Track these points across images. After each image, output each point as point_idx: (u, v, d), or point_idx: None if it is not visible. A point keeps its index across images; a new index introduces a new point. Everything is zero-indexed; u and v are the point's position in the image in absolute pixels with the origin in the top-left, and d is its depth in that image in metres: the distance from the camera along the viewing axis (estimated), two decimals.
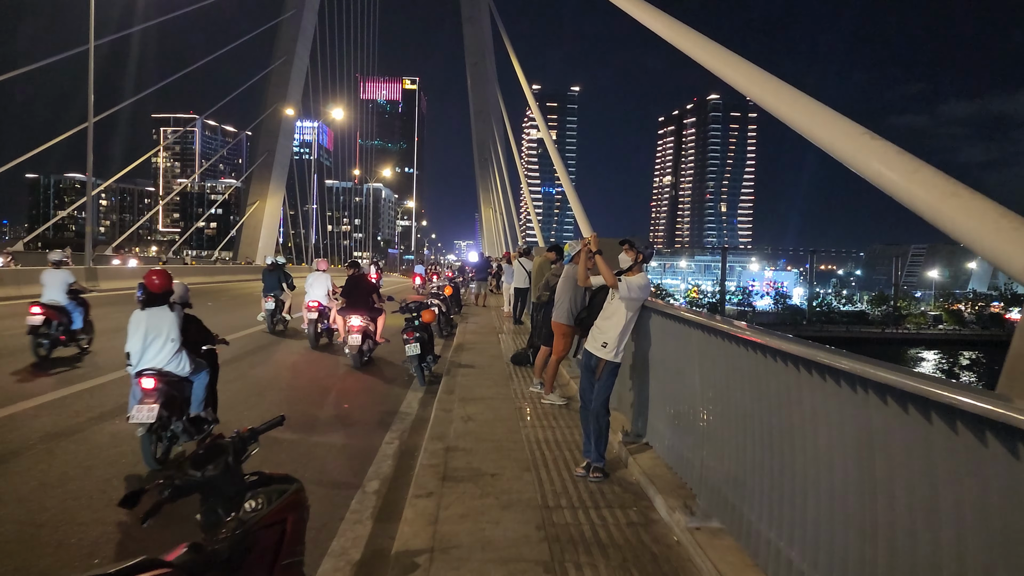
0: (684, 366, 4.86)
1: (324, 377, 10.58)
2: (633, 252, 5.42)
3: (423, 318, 10.57)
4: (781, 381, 3.34)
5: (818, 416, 3.00)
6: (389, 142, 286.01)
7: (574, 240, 8.21)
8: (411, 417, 8.22)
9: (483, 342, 13.47)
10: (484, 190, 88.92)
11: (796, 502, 3.20)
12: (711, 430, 4.40)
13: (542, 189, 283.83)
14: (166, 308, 6.27)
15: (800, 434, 3.18)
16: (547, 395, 7.98)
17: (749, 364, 3.73)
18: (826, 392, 2.90)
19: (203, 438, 6.23)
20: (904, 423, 2.37)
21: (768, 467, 3.51)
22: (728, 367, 4.07)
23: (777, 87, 6.56)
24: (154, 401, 5.97)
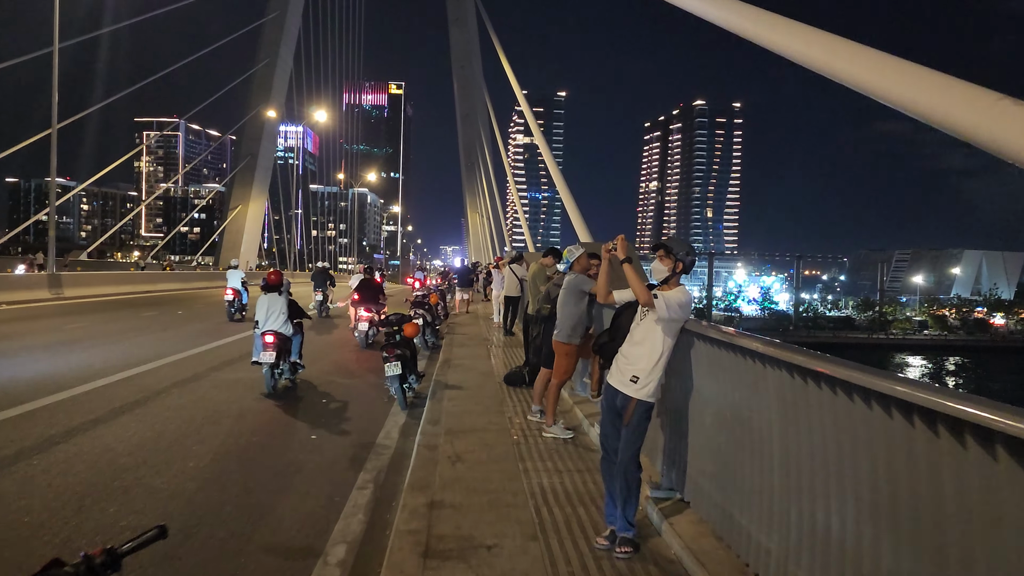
0: (748, 413, 3.68)
1: (299, 393, 9.38)
2: (670, 259, 4.22)
3: (405, 332, 9.37)
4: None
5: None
6: (375, 147, 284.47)
7: (573, 245, 7.05)
8: (389, 451, 7.00)
9: (472, 356, 12.27)
10: (470, 194, 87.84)
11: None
12: (790, 503, 3.22)
13: (528, 195, 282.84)
14: (277, 293, 10.11)
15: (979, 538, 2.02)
16: (549, 427, 6.78)
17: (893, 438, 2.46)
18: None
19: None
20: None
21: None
22: (843, 436, 2.79)
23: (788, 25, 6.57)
24: (273, 349, 9.49)
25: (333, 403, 9.23)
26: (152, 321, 17.92)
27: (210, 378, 10.39)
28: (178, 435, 7.10)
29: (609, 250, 4.64)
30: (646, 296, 4.06)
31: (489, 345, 13.91)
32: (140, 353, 12.11)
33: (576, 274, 6.68)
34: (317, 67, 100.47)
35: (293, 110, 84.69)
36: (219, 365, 11.49)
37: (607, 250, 4.66)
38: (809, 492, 3.03)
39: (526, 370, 9.35)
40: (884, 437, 2.45)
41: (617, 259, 4.47)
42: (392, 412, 8.75)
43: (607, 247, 4.66)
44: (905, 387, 2.27)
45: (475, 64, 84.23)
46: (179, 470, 6.01)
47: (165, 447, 6.65)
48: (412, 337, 9.53)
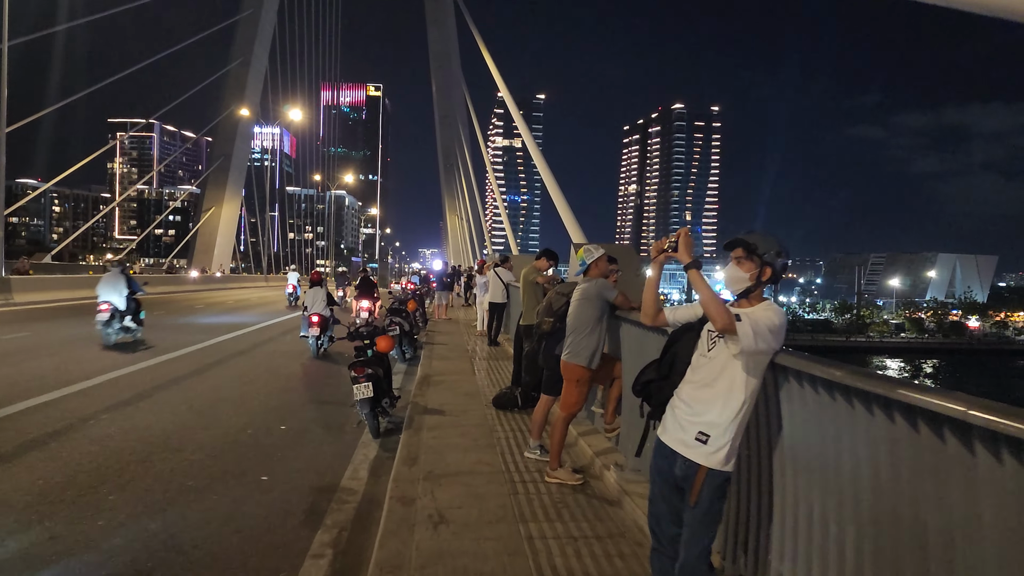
0: (896, 499, 2.39)
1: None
2: (753, 263, 2.92)
3: (378, 347, 8.07)
4: None
5: None
6: (352, 149, 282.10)
7: (591, 244, 5.77)
8: (356, 498, 5.67)
9: (454, 372, 10.94)
10: (450, 197, 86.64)
11: None
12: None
13: (507, 198, 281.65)
14: (320, 286, 14.20)
15: None
16: (553, 470, 5.48)
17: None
18: None
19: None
20: None
21: None
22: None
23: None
24: (318, 326, 13.65)
25: (293, 427, 7.88)
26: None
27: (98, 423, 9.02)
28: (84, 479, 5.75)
29: (665, 248, 3.19)
30: (726, 319, 2.74)
31: (473, 358, 12.59)
32: (76, 370, 10.70)
33: (593, 280, 5.40)
34: (293, 67, 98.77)
35: (269, 111, 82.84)
36: (152, 390, 10.11)
37: (660, 249, 3.23)
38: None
39: (518, 391, 8.06)
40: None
41: (663, 260, 3.20)
42: (362, 442, 7.43)
43: (662, 244, 3.21)
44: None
45: (454, 65, 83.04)
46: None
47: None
48: (386, 352, 8.23)
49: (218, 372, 11.37)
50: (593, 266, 5.41)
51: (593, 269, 5.41)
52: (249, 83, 75.05)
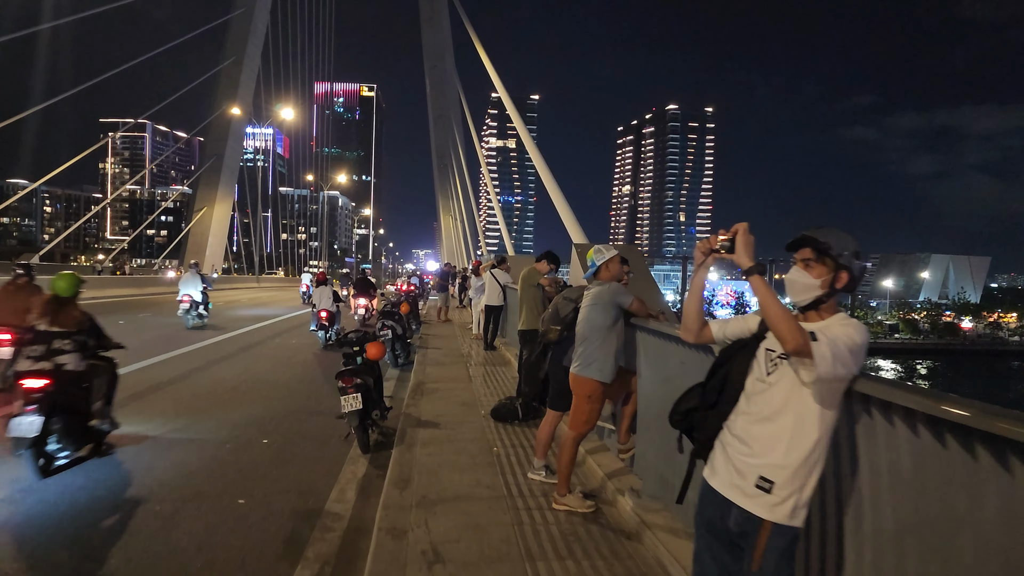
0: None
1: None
2: (825, 266, 2.33)
3: (368, 355, 7.49)
4: None
5: None
6: (346, 150, 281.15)
7: (601, 244, 5.21)
8: (342, 525, 5.10)
9: (449, 379, 10.36)
10: (443, 197, 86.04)
11: None
12: None
13: (500, 199, 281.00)
14: (326, 285, 15.78)
15: None
16: (562, 497, 4.90)
17: None
18: None
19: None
20: None
21: None
22: None
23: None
24: (326, 320, 15.18)
25: (275, 440, 7.31)
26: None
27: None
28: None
29: (716, 248, 2.55)
30: (800, 339, 2.15)
31: (468, 363, 12.01)
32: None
33: (606, 284, 4.84)
34: (286, 67, 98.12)
35: (262, 111, 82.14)
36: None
37: (710, 250, 2.59)
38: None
39: (519, 402, 7.49)
40: None
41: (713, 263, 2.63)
42: (350, 458, 6.85)
43: (711, 243, 2.57)
44: None
45: (448, 64, 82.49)
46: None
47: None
48: (377, 360, 7.66)
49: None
50: (604, 268, 4.86)
51: (604, 272, 4.85)
52: (242, 82, 74.36)
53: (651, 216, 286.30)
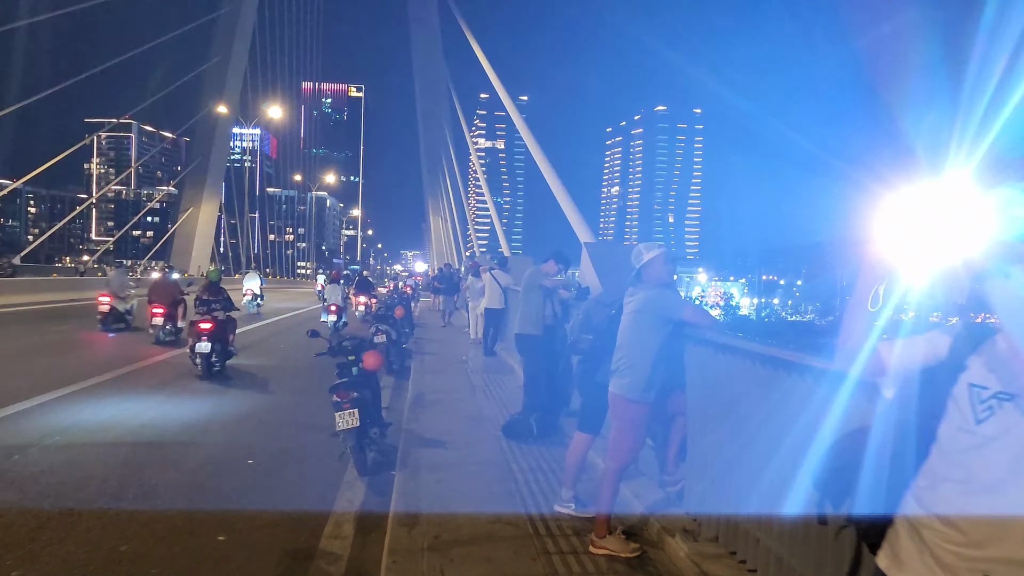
0: None
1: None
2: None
3: (365, 365, 6.73)
4: None
5: None
6: (334, 150, 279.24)
7: (644, 243, 4.42)
8: (339, 569, 4.34)
9: (451, 389, 9.59)
10: (433, 198, 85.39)
11: None
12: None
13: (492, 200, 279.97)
14: (337, 283, 19.42)
15: None
16: (601, 539, 4.12)
17: None
18: None
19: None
20: None
21: None
22: None
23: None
24: (335, 312, 18.35)
25: (263, 459, 6.53)
26: (60, 338, 14.88)
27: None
28: None
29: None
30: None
31: (469, 371, 11.24)
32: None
33: (656, 289, 4.09)
34: (273, 67, 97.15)
35: (249, 111, 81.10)
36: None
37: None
38: None
39: (533, 418, 6.74)
40: None
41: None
42: (346, 481, 6.09)
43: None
44: None
45: (438, 63, 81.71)
46: None
47: None
48: (374, 370, 6.90)
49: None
50: (648, 269, 4.11)
51: (649, 276, 4.11)
52: (228, 81, 73.40)
53: (640, 217, 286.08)
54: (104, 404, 8.49)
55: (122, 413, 8.09)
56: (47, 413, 7.89)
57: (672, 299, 4.03)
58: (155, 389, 9.66)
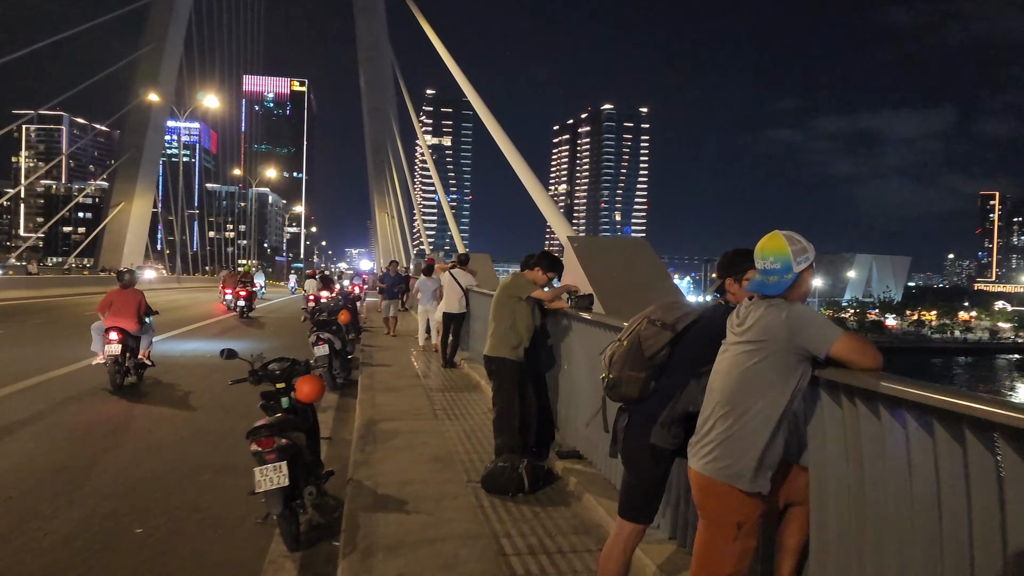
0: None
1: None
2: None
3: (299, 395, 5.04)
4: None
5: None
6: (277, 146, 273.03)
7: (795, 234, 2.76)
8: None
9: (408, 412, 7.89)
10: (379, 194, 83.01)
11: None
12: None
13: (435, 197, 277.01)
14: (314, 279, 23.15)
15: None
16: None
17: None
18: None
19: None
20: None
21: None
22: None
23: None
24: (314, 301, 16.80)
25: (159, 527, 4.78)
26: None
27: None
28: None
29: None
30: None
31: (428, 387, 9.53)
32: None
33: (794, 307, 2.50)
34: (212, 57, 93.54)
35: (186, 103, 77.47)
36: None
37: None
38: None
39: (523, 467, 5.10)
40: None
41: None
42: (271, 561, 4.43)
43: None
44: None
45: (384, 56, 79.48)
46: None
47: None
48: (311, 401, 5.21)
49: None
50: (799, 283, 2.54)
51: (797, 288, 2.54)
52: (162, 70, 70.06)
53: (587, 215, 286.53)
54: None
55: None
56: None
57: (821, 321, 2.47)
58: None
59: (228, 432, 7.34)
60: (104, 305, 9.99)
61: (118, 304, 9.99)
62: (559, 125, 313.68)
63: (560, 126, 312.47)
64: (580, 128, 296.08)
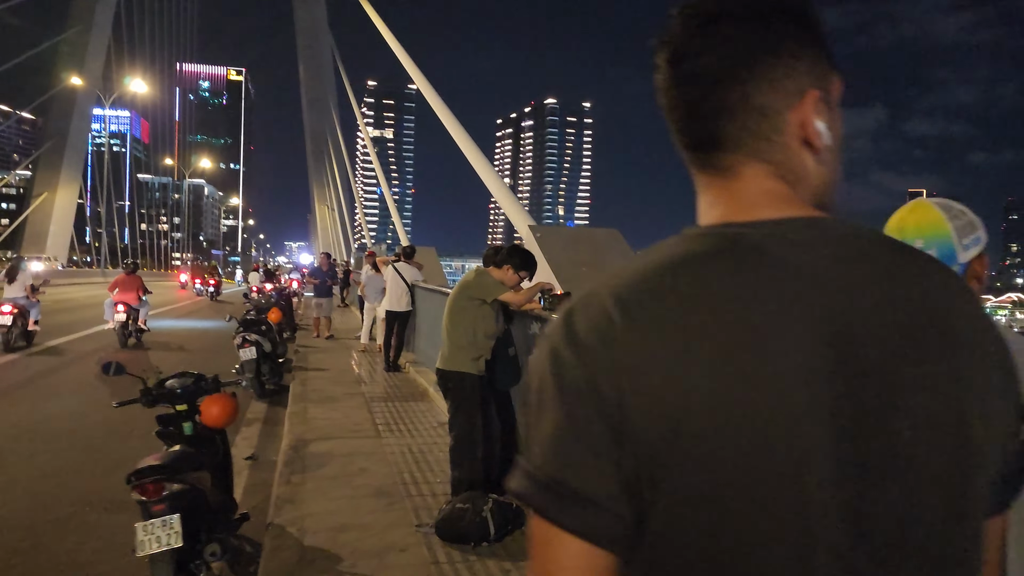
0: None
1: None
2: None
3: (205, 419, 3.95)
4: None
5: None
6: (213, 136, 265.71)
7: (952, 202, 1.80)
8: None
9: (345, 429, 6.80)
10: (319, 186, 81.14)
11: None
12: None
13: (378, 190, 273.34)
14: (258, 272, 24.08)
15: None
16: None
17: None
18: None
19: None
20: None
21: None
22: None
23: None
24: (257, 292, 17.88)
25: None
26: None
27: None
28: None
29: None
30: None
31: (370, 400, 8.41)
32: None
33: None
34: (142, 42, 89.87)
35: (114, 89, 74.23)
36: None
37: None
38: None
39: (488, 509, 4.08)
40: None
41: None
42: None
43: None
44: None
45: (323, 44, 77.48)
46: None
47: None
48: (222, 425, 4.12)
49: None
50: (969, 279, 1.59)
51: (976, 270, 1.59)
52: (89, 53, 66.83)
53: (531, 210, 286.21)
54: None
55: None
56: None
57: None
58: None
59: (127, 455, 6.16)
60: (113, 286, 14.18)
61: (123, 286, 14.02)
62: (502, 119, 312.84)
63: (503, 120, 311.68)
64: (523, 122, 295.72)
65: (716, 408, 0.63)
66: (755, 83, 0.72)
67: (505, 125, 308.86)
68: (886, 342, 0.67)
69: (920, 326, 0.68)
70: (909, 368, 0.67)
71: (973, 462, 0.69)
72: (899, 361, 0.67)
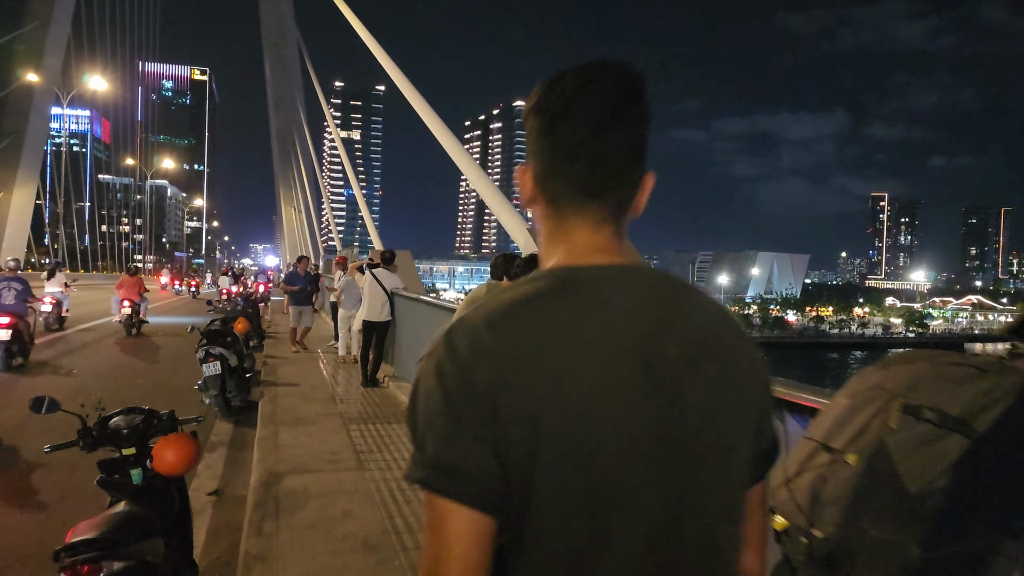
0: None
1: None
2: None
3: (157, 465, 3.20)
4: None
5: None
6: (176, 136, 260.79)
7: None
8: None
9: (323, 458, 6.03)
10: (285, 187, 79.47)
11: None
12: None
13: (345, 192, 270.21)
14: (228, 276, 28.48)
15: None
16: None
17: None
18: None
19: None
20: None
21: None
22: None
23: None
24: (227, 294, 22.41)
25: None
26: None
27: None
28: None
29: None
30: None
31: (348, 421, 7.63)
32: None
33: None
34: (103, 39, 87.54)
35: (73, 86, 72.14)
36: None
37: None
38: None
39: None
40: None
41: None
42: None
43: None
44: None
45: (290, 42, 75.91)
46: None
47: None
48: (178, 474, 3.38)
49: None
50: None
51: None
52: (47, 50, 64.81)
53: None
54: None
55: None
56: None
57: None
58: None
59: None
60: (119, 286, 17.25)
61: (127, 285, 17.17)
62: (470, 121, 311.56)
63: (471, 122, 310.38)
64: (492, 124, 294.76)
65: (563, 410, 0.83)
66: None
67: (473, 127, 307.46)
68: (677, 361, 0.89)
69: (700, 345, 0.92)
70: (692, 377, 0.90)
71: (737, 442, 0.95)
72: (687, 372, 0.90)
